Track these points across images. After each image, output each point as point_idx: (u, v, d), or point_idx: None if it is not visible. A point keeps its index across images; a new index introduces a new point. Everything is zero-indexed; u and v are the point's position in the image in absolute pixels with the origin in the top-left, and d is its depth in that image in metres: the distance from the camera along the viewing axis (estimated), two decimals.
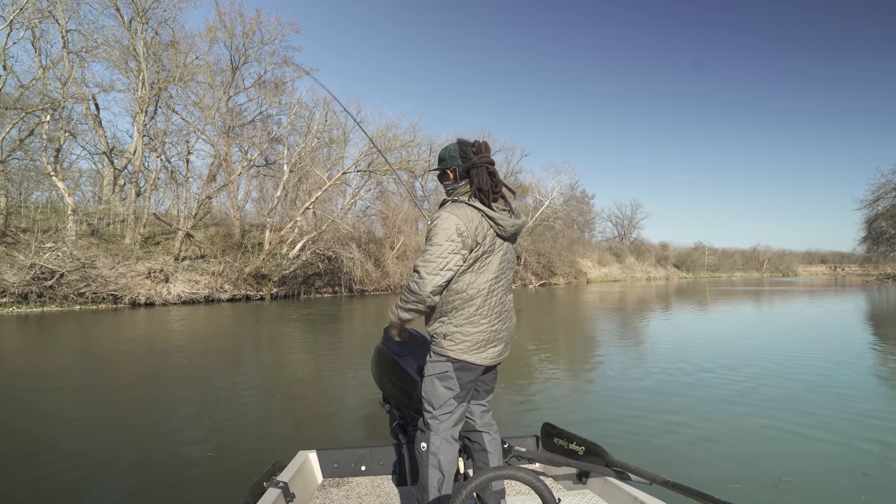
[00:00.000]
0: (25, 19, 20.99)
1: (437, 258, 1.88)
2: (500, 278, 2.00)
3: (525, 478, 1.45)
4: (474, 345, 1.94)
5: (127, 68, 24.39)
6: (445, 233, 1.87)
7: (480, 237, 1.92)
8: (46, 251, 17.65)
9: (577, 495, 2.37)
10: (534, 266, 44.37)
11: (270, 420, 5.33)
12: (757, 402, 5.77)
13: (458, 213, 1.90)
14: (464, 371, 1.95)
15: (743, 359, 8.50)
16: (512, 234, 2.02)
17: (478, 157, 1.98)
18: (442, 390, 1.96)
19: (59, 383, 7.09)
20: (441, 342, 1.97)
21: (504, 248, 2.02)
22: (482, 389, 2.14)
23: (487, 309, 1.96)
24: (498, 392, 2.45)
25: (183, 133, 26.32)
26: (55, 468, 3.99)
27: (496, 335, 1.99)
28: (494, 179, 1.97)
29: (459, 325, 1.94)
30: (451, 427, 1.98)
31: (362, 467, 2.67)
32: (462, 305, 1.94)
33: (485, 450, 2.13)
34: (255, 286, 23.16)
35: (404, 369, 2.50)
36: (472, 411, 2.14)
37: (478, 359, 1.95)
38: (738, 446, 4.32)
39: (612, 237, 74.58)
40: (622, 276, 61.42)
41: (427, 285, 1.89)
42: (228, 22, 26.90)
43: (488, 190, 1.94)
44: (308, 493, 2.44)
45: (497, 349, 2.01)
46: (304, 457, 2.59)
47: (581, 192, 59.85)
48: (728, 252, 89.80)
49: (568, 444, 2.61)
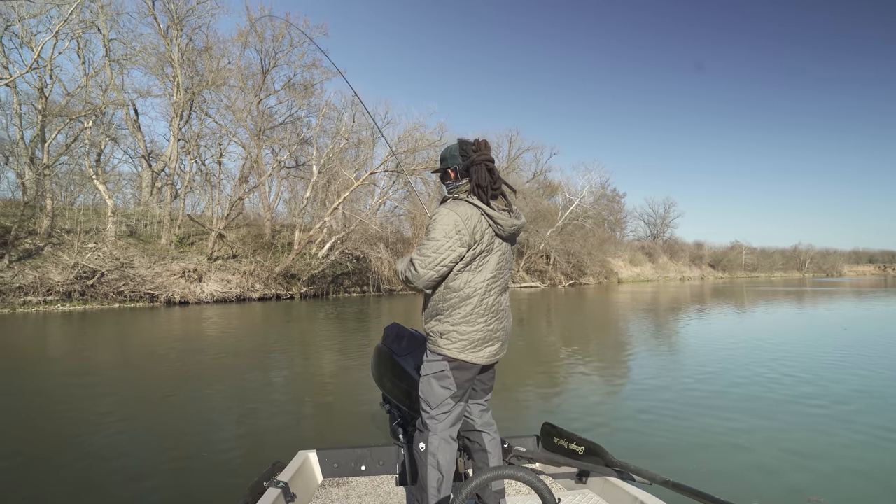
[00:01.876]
0: (70, 30, 21.96)
1: (434, 253, 1.89)
2: (497, 278, 2.01)
3: (525, 477, 1.46)
4: (470, 344, 1.94)
5: (163, 74, 25.22)
6: (444, 229, 1.88)
7: (479, 235, 1.92)
8: (88, 251, 18.39)
9: (577, 495, 2.36)
10: (563, 266, 43.74)
11: (294, 418, 5.33)
12: (795, 411, 5.46)
13: (457, 209, 1.91)
14: (460, 370, 1.95)
15: (782, 363, 8.09)
16: (511, 234, 2.03)
17: (477, 154, 1.99)
18: (439, 390, 1.97)
19: (90, 378, 7.32)
20: (437, 341, 1.97)
21: (502, 249, 2.02)
22: (480, 389, 2.14)
23: (484, 308, 1.96)
24: (519, 392, 2.34)
25: (216, 136, 27.00)
26: (57, 462, 4.08)
27: (493, 334, 1.99)
28: (493, 177, 1.97)
29: (456, 323, 1.94)
30: (449, 427, 1.98)
31: (362, 467, 2.68)
32: (459, 304, 1.94)
33: (484, 450, 2.13)
34: (285, 286, 23.56)
35: (404, 369, 2.48)
36: (471, 411, 2.14)
37: (474, 358, 1.95)
38: (769, 459, 4.06)
39: (645, 236, 73.00)
40: (655, 276, 59.96)
41: (421, 279, 1.92)
42: (259, 26, 27.47)
43: (486, 186, 1.94)
44: (308, 493, 2.43)
45: (493, 348, 2.01)
46: (304, 456, 2.60)
47: (612, 191, 58.88)
48: (767, 251, 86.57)
49: (568, 444, 2.59)
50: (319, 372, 8.02)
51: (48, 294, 17.20)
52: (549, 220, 43.55)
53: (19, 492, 3.53)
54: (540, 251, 42.52)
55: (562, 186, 48.84)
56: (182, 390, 6.65)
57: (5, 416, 5.46)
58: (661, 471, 2.31)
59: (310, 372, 8.06)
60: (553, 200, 48.58)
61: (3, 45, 21.03)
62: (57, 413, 5.54)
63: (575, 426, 3.77)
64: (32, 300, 16.87)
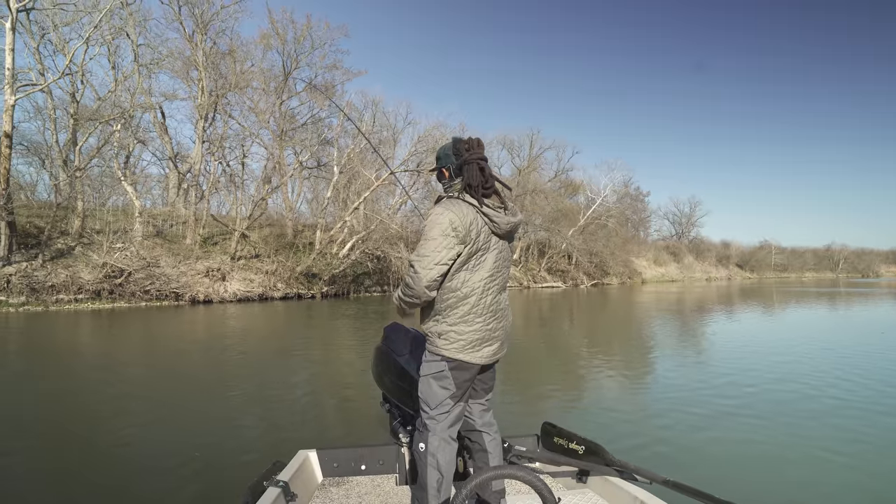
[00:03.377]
0: (100, 36, 22.60)
1: (432, 252, 1.89)
2: (495, 277, 1.99)
3: (525, 477, 1.46)
4: (469, 343, 1.94)
5: (188, 78, 25.76)
6: (440, 227, 1.88)
7: (474, 233, 1.92)
8: (116, 251, 18.88)
9: (577, 495, 2.36)
10: (585, 266, 43.17)
11: (301, 416, 5.32)
12: (827, 421, 5.21)
13: (452, 208, 1.91)
14: (459, 370, 1.95)
15: (812, 368, 7.77)
16: (507, 232, 2.02)
17: (469, 153, 1.99)
18: (438, 390, 1.96)
19: (107, 374, 7.47)
20: (436, 341, 1.97)
21: (499, 247, 2.02)
22: (480, 388, 2.13)
23: (482, 307, 1.95)
24: (538, 393, 2.27)
25: (239, 137, 27.45)
26: (60, 456, 4.13)
27: (491, 334, 1.98)
28: (484, 175, 1.97)
29: (454, 323, 1.94)
30: (449, 427, 1.98)
31: (362, 467, 2.67)
32: (457, 304, 1.94)
33: (485, 450, 2.12)
34: (306, 285, 23.81)
35: (404, 369, 2.47)
36: (471, 410, 2.13)
37: (473, 358, 1.95)
38: (793, 471, 3.87)
39: (670, 236, 71.55)
40: (680, 276, 58.73)
41: (422, 280, 1.90)
42: (280, 28, 27.84)
43: (477, 185, 1.94)
44: (308, 493, 2.43)
45: (492, 348, 2.00)
46: (304, 456, 2.60)
47: (635, 190, 57.90)
48: (798, 251, 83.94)
49: (568, 444, 2.59)
50: (334, 371, 8.03)
51: (79, 292, 17.73)
52: (570, 219, 43.04)
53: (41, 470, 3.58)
54: (562, 251, 42.06)
55: (584, 185, 48.28)
56: (197, 388, 6.73)
57: (34, 408, 5.60)
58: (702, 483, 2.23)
59: (325, 371, 8.07)
60: (575, 200, 48.04)
61: (40, 53, 21.79)
62: (73, 408, 5.66)
63: (601, 436, 3.65)
64: (64, 298, 17.41)
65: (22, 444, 4.44)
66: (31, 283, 16.96)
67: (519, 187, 39.16)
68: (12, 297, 16.58)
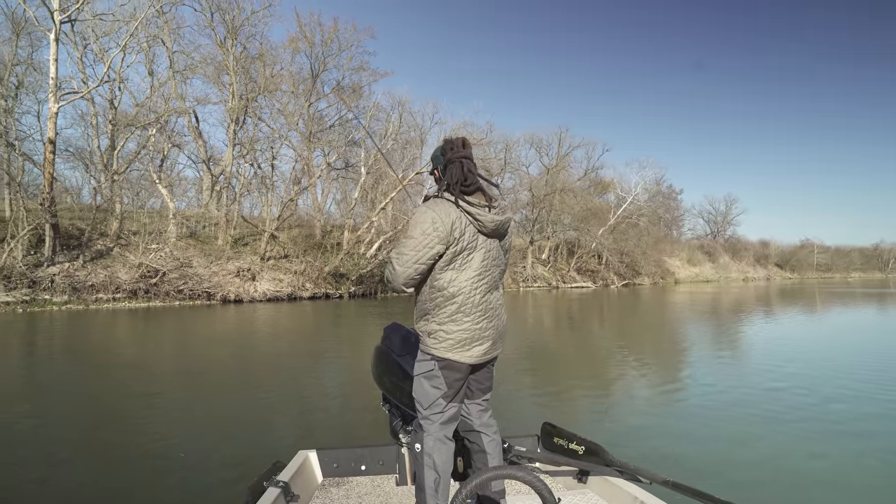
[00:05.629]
0: (137, 44, 23.43)
1: (410, 251, 1.90)
2: (483, 276, 1.98)
3: (525, 477, 1.47)
4: (458, 343, 1.93)
5: (220, 82, 26.40)
6: (421, 226, 1.89)
7: (458, 232, 1.91)
8: (151, 252, 19.48)
9: (577, 495, 2.36)
10: (616, 266, 42.26)
11: (307, 417, 5.29)
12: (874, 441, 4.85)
13: (435, 207, 1.92)
14: (449, 369, 1.95)
15: (863, 378, 7.31)
16: (493, 230, 1.99)
17: (452, 153, 2.00)
18: (430, 389, 1.97)
19: (136, 372, 7.64)
20: (426, 340, 1.98)
21: (487, 246, 2.00)
22: (476, 389, 2.11)
23: (470, 307, 1.94)
24: (565, 396, 2.14)
25: (269, 140, 27.97)
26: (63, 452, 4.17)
27: (481, 333, 1.97)
28: (464, 172, 1.96)
29: (442, 322, 1.94)
30: (444, 427, 1.97)
31: (362, 467, 2.68)
32: (444, 303, 1.94)
33: (483, 450, 2.11)
34: (334, 285, 24.06)
35: (404, 369, 2.44)
36: (469, 411, 2.12)
37: (462, 357, 1.94)
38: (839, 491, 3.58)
39: (704, 235, 69.41)
40: (715, 277, 56.90)
41: (399, 277, 1.93)
42: (308, 32, 28.24)
43: (456, 182, 1.95)
44: (308, 493, 2.44)
45: (482, 347, 1.98)
46: (304, 456, 2.59)
47: (668, 188, 56.36)
48: (843, 250, 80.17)
49: (568, 444, 2.58)
50: (363, 372, 8.01)
51: (116, 291, 18.37)
52: (600, 218, 42.21)
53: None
54: (591, 250, 41.32)
55: (614, 184, 47.24)
56: (224, 389, 6.80)
57: (71, 396, 5.76)
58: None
59: (353, 371, 8.06)
60: (605, 198, 47.09)
61: (83, 63, 22.74)
62: (101, 405, 5.78)
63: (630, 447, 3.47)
64: (103, 297, 18.07)
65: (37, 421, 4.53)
66: (73, 283, 17.67)
67: (547, 186, 38.66)
68: (56, 295, 17.31)
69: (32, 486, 3.65)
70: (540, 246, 39.54)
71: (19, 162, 19.55)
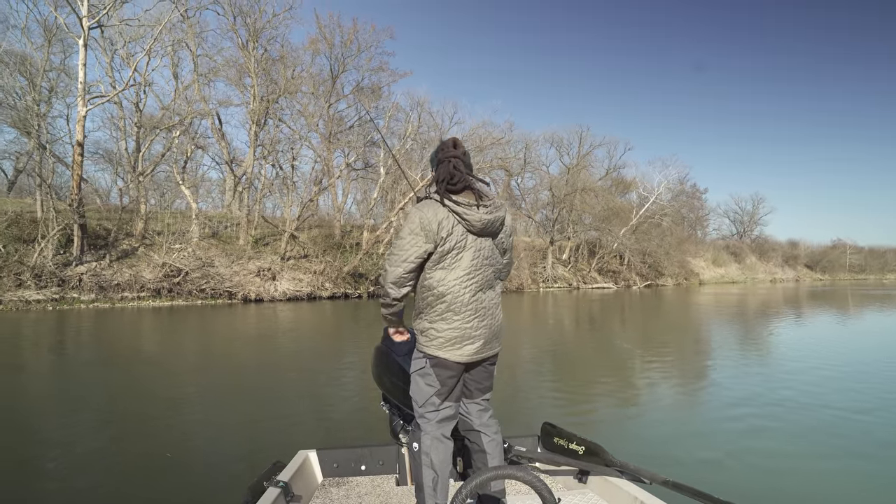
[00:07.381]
0: (162, 48, 23.94)
1: (399, 251, 1.94)
2: (473, 275, 1.98)
3: (525, 477, 1.47)
4: (448, 341, 1.95)
5: (241, 84, 26.78)
6: (409, 226, 1.94)
7: (445, 232, 1.92)
8: (175, 252, 19.84)
9: (577, 495, 2.36)
10: (638, 266, 41.52)
11: (310, 418, 5.24)
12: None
13: (423, 208, 1.95)
14: (440, 367, 1.97)
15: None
16: (482, 229, 1.98)
17: (443, 153, 2.02)
18: (424, 387, 1.99)
19: (156, 370, 7.72)
20: (419, 338, 2.02)
21: (478, 245, 1.99)
22: (474, 388, 2.10)
23: (460, 305, 1.95)
24: (584, 398, 2.04)
25: (290, 141, 28.26)
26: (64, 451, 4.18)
27: (471, 332, 1.97)
28: (450, 171, 1.97)
29: (433, 321, 1.97)
30: (440, 425, 1.98)
31: (362, 467, 2.68)
32: (434, 302, 1.96)
33: (483, 450, 2.11)
34: (353, 284, 24.17)
35: (404, 369, 2.42)
36: (468, 410, 2.12)
37: (452, 356, 1.95)
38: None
39: (730, 235, 67.82)
40: (741, 278, 55.49)
41: (389, 276, 1.96)
42: (328, 33, 28.45)
43: (441, 181, 1.97)
44: (308, 493, 2.44)
45: (474, 346, 1.98)
46: (304, 456, 2.59)
47: (692, 187, 55.24)
48: (877, 250, 77.36)
49: (568, 444, 2.57)
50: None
51: (141, 290, 18.76)
52: (622, 218, 41.53)
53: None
54: (613, 251, 40.70)
55: (636, 183, 46.41)
56: (242, 387, 6.82)
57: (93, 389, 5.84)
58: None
59: (363, 370, 8.02)
60: (627, 198, 46.31)
61: (112, 67, 23.33)
62: (126, 400, 5.83)
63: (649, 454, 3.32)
64: (128, 296, 18.47)
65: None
66: (100, 282, 18.10)
67: (568, 185, 38.21)
68: (83, 294, 17.76)
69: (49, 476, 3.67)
70: (560, 246, 39.10)
71: (50, 164, 20.14)
